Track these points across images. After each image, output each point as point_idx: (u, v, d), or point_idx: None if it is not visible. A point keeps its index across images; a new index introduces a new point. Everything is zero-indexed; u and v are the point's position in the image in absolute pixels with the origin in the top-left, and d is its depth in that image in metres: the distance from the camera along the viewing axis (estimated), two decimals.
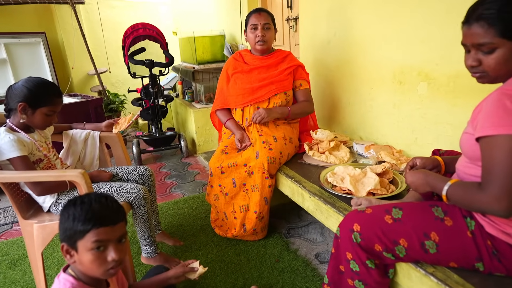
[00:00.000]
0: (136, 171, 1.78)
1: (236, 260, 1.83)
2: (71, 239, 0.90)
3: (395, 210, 1.08)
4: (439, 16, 1.59)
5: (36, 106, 1.44)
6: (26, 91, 1.42)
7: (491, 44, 0.90)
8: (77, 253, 0.90)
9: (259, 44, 2.03)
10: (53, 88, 1.50)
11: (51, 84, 1.51)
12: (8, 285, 1.74)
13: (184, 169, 3.26)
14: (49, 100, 1.46)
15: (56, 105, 1.50)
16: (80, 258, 0.90)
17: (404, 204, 1.11)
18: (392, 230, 1.05)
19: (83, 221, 0.88)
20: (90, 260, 0.89)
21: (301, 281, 1.65)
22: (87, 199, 0.92)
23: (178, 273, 1.32)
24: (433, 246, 1.00)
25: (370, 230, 1.08)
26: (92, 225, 0.88)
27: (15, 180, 1.40)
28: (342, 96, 2.39)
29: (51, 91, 1.48)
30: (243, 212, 1.92)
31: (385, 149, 1.89)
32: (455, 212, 1.01)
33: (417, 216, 1.05)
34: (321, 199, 1.52)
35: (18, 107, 1.41)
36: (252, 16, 2.02)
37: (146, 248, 1.70)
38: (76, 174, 1.32)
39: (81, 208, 0.90)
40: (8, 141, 1.39)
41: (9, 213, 2.54)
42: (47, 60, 3.66)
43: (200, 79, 3.65)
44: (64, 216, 0.91)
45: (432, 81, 1.69)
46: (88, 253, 0.89)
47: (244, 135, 2.05)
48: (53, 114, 1.50)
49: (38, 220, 1.49)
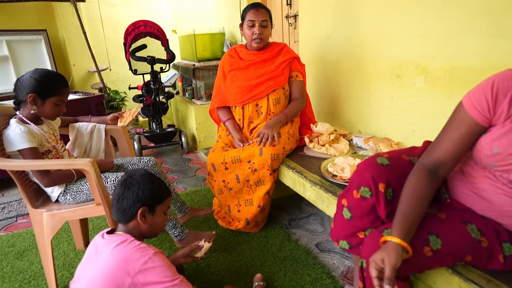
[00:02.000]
0: (141, 162, 1.82)
1: (239, 250, 1.88)
2: (153, 203, 1.17)
3: (433, 239, 0.94)
4: (436, 11, 1.64)
5: (45, 96, 1.48)
6: (34, 82, 1.46)
7: None
8: (152, 215, 1.18)
9: (255, 42, 2.03)
10: (60, 78, 1.54)
11: (58, 74, 1.56)
12: (16, 274, 1.78)
13: (185, 164, 3.30)
14: (57, 90, 1.51)
15: (64, 94, 1.55)
16: (155, 219, 1.19)
17: (439, 229, 0.97)
18: (429, 261, 0.94)
19: (164, 192, 1.22)
20: (162, 220, 1.22)
21: (302, 269, 1.70)
22: (156, 177, 1.21)
23: (185, 252, 1.38)
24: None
25: (405, 263, 0.92)
26: (167, 195, 1.24)
27: (27, 168, 1.44)
28: (341, 91, 2.44)
29: (59, 81, 1.53)
30: (248, 206, 1.96)
31: (384, 141, 1.94)
32: (489, 232, 0.95)
33: (456, 242, 0.95)
34: (322, 188, 1.56)
35: (28, 98, 1.45)
36: (250, 12, 2.00)
37: (172, 232, 1.77)
38: (86, 163, 1.37)
39: (160, 183, 1.21)
40: (19, 132, 1.43)
41: (13, 207, 2.58)
42: (49, 57, 3.69)
43: (200, 76, 3.69)
44: (152, 187, 1.17)
45: (429, 75, 1.74)
46: (161, 215, 1.21)
47: (243, 137, 2.06)
48: (62, 104, 1.55)
49: (47, 209, 1.52)
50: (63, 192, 1.57)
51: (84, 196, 1.57)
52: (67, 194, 1.57)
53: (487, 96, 0.88)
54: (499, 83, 0.87)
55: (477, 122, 0.91)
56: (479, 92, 0.90)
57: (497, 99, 0.87)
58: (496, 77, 0.88)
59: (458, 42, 1.57)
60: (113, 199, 1.17)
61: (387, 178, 1.03)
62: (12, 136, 1.43)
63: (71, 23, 4.39)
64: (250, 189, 1.93)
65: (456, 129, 0.95)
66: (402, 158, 1.10)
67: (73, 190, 1.57)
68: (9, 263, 1.87)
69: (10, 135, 1.43)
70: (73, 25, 4.35)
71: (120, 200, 1.14)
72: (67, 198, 1.57)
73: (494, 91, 0.87)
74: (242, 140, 2.04)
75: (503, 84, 0.86)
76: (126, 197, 1.14)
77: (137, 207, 1.14)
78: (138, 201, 1.14)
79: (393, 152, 1.13)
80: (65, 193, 1.57)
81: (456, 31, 1.57)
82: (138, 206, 1.14)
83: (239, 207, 1.99)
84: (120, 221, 1.17)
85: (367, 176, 1.04)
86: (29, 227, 2.24)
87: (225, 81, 2.14)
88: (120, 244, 1.08)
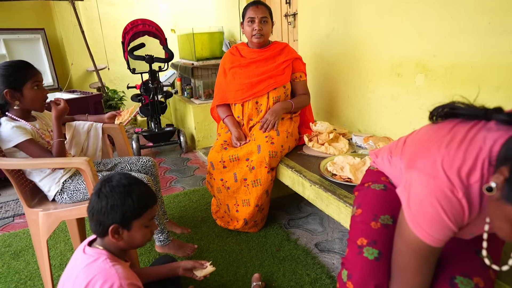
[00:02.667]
0: (139, 162, 1.81)
1: (237, 250, 1.86)
2: (127, 220, 1.01)
3: (459, 280, 0.84)
4: (437, 9, 1.62)
5: (19, 86, 1.44)
6: (2, 78, 1.41)
7: None
8: (129, 231, 1.02)
9: (256, 37, 2.02)
10: (22, 63, 1.48)
11: (18, 61, 1.49)
12: (12, 274, 1.76)
13: (183, 164, 3.28)
14: (26, 74, 1.45)
15: (36, 75, 1.49)
16: (133, 235, 1.03)
17: (459, 265, 0.88)
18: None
19: (145, 203, 1.03)
20: (142, 235, 1.05)
21: (302, 269, 1.68)
22: (133, 187, 1.02)
23: (187, 265, 1.32)
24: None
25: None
26: (147, 207, 1.04)
27: (22, 167, 1.42)
28: (340, 90, 2.42)
29: (23, 66, 1.47)
30: (245, 206, 1.94)
31: (384, 140, 1.93)
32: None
33: (476, 273, 0.86)
34: (321, 187, 1.55)
35: (6, 95, 1.42)
36: (250, 9, 2.01)
37: (158, 236, 1.74)
38: (82, 162, 1.35)
39: (140, 193, 1.02)
40: (10, 128, 1.40)
41: (10, 207, 2.56)
42: (47, 57, 3.67)
43: (199, 75, 3.68)
44: (124, 202, 0.99)
45: (429, 73, 1.73)
46: (141, 229, 1.04)
47: (241, 134, 2.06)
48: (40, 85, 1.49)
49: (43, 209, 1.51)
50: (60, 191, 1.55)
51: (81, 195, 1.55)
52: (63, 193, 1.55)
53: (450, 227, 0.73)
54: (448, 210, 0.72)
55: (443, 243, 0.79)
56: (434, 225, 0.74)
57: (457, 223, 0.73)
58: (439, 202, 0.73)
59: (459, 40, 1.56)
60: (88, 211, 1.03)
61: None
62: (4, 132, 1.41)
63: (69, 22, 4.37)
64: (247, 189, 1.92)
65: (425, 262, 0.81)
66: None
67: (70, 189, 1.55)
68: (5, 263, 1.85)
69: (2, 133, 1.41)
70: (71, 24, 4.32)
71: (91, 213, 1.01)
72: (63, 197, 1.55)
73: (452, 220, 0.73)
74: (239, 138, 2.03)
75: (452, 209, 0.72)
76: (96, 212, 1.00)
77: (108, 224, 0.99)
78: (107, 218, 0.99)
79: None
80: (62, 192, 1.55)
81: (457, 29, 1.55)
82: (109, 223, 0.99)
83: (237, 207, 1.98)
84: (97, 234, 1.04)
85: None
86: (26, 227, 2.22)
87: (226, 79, 2.14)
88: (90, 264, 0.98)
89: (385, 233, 0.94)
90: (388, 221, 0.96)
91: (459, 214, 0.72)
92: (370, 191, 1.07)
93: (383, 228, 0.95)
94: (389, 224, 0.96)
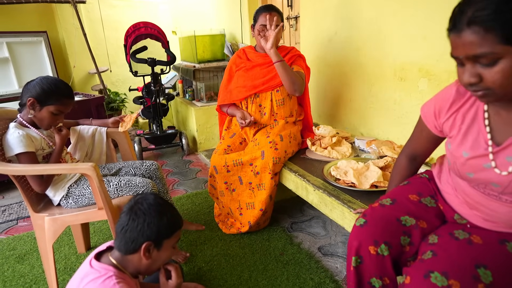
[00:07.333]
0: (143, 166, 1.81)
1: (241, 254, 1.87)
2: (159, 238, 1.04)
3: (482, 272, 0.81)
4: (441, 12, 1.63)
5: (44, 103, 1.46)
6: (38, 87, 1.45)
7: (492, 54, 0.70)
8: (158, 250, 1.05)
9: None
10: (64, 89, 1.51)
11: (64, 85, 1.53)
12: (17, 278, 1.77)
13: (185, 166, 3.29)
14: (57, 99, 1.48)
15: (65, 105, 1.52)
16: (160, 254, 1.06)
17: (485, 258, 0.84)
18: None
19: (175, 224, 1.08)
20: (168, 254, 1.08)
21: (305, 273, 1.69)
22: (167, 207, 1.07)
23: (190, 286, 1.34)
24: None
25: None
26: (178, 226, 1.09)
27: (28, 173, 1.43)
28: (343, 93, 2.43)
29: (62, 91, 1.50)
30: (249, 209, 1.95)
31: (386, 144, 1.93)
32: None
33: (505, 267, 0.83)
34: (325, 192, 1.55)
35: (27, 102, 1.44)
36: (262, 15, 1.96)
37: None
38: (88, 167, 1.35)
39: (171, 213, 1.07)
40: (17, 136, 1.42)
41: (13, 210, 2.57)
42: (49, 59, 3.67)
43: (200, 77, 3.68)
44: (160, 220, 1.03)
45: (432, 77, 1.74)
46: (169, 249, 1.08)
47: (245, 113, 2.08)
48: (60, 114, 1.52)
49: (49, 214, 1.51)
50: (65, 196, 1.56)
51: (86, 200, 1.56)
52: (69, 198, 1.56)
53: (435, 108, 0.98)
54: (439, 95, 0.97)
55: (429, 129, 1.04)
56: (430, 102, 1.01)
57: (440, 112, 0.96)
58: (439, 94, 0.97)
59: None
60: (117, 227, 1.04)
61: (373, 238, 1.00)
62: (10, 140, 1.42)
63: (71, 25, 4.38)
64: (252, 192, 1.93)
65: (419, 132, 1.10)
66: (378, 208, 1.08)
67: (75, 194, 1.56)
68: (10, 267, 1.86)
69: (8, 140, 1.43)
70: (73, 27, 4.33)
71: (124, 230, 1.02)
72: (69, 202, 1.56)
73: (437, 104, 0.96)
74: (243, 117, 2.04)
75: (443, 96, 0.96)
76: (130, 229, 1.01)
77: (141, 241, 1.01)
78: (142, 235, 1.01)
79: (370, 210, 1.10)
80: (67, 197, 1.56)
81: None
82: (143, 240, 1.01)
83: (241, 210, 1.99)
84: (120, 251, 1.04)
85: (355, 244, 1.03)
86: (30, 230, 2.23)
87: (231, 80, 2.17)
88: (95, 279, 0.98)
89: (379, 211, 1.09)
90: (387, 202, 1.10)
91: (444, 99, 0.95)
92: None
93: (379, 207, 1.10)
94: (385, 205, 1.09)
